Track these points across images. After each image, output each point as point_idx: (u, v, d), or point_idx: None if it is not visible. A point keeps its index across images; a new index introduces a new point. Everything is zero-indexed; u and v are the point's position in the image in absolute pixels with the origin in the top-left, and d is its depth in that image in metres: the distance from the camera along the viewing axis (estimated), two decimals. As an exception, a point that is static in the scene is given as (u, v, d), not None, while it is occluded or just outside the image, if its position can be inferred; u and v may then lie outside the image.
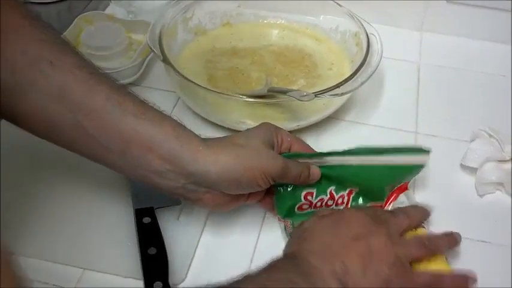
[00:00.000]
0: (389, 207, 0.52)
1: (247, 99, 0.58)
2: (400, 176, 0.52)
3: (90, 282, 0.48)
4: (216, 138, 0.48)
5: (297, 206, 0.51)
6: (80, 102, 0.43)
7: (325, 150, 0.51)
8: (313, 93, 0.56)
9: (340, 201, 0.52)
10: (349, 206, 0.52)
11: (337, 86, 0.58)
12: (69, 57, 0.45)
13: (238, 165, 0.45)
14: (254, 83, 0.66)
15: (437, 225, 0.53)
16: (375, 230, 0.45)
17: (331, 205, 0.52)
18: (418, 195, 0.57)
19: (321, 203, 0.51)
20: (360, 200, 0.52)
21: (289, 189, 0.50)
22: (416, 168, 0.52)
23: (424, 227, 0.50)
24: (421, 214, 0.50)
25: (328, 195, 0.51)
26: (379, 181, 0.51)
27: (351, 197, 0.52)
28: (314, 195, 0.51)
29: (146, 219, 0.50)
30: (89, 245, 0.51)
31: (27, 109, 0.44)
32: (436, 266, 0.47)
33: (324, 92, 0.57)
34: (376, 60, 0.62)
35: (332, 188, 0.51)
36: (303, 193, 0.51)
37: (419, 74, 0.73)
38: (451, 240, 0.49)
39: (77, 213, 0.53)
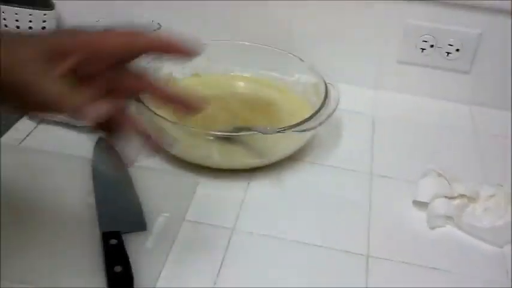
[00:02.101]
0: None
1: (214, 133, 0.62)
2: None
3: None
4: None
5: None
6: None
7: None
8: (276, 128, 0.60)
9: None
10: None
11: (299, 124, 0.63)
12: None
13: None
14: (220, 125, 0.70)
15: (391, 255, 0.57)
16: None
17: None
18: (374, 230, 0.60)
19: None
20: None
21: None
22: None
23: None
24: None
25: None
26: None
27: None
28: None
29: (113, 241, 0.52)
30: (56, 266, 0.51)
31: None
32: None
33: (286, 129, 0.62)
34: (334, 103, 0.67)
35: None
36: None
37: (374, 124, 0.79)
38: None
39: (47, 238, 0.54)
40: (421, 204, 0.63)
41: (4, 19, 0.85)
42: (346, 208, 0.63)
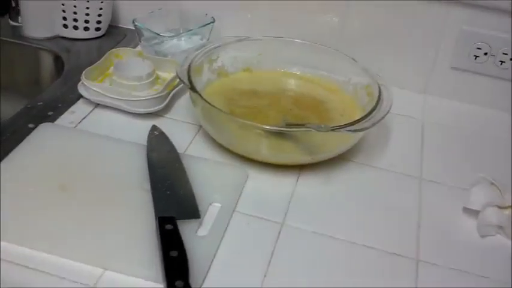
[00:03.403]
0: None
1: (269, 127, 0.62)
2: None
3: (109, 282, 0.50)
4: None
5: None
6: None
7: None
8: (330, 126, 0.61)
9: None
10: None
11: (352, 123, 0.63)
12: None
13: None
14: (271, 121, 0.71)
15: (440, 261, 0.57)
16: None
17: None
18: (423, 234, 0.60)
19: None
20: None
21: None
22: None
23: None
24: None
25: None
26: None
27: None
28: None
29: (168, 226, 0.53)
30: (111, 247, 0.53)
31: None
32: None
33: (340, 128, 0.62)
34: (387, 105, 0.67)
35: None
36: None
37: (423, 129, 0.78)
38: None
39: (103, 219, 0.55)
40: (471, 212, 0.63)
41: (63, 11, 0.88)
42: (395, 211, 0.63)
